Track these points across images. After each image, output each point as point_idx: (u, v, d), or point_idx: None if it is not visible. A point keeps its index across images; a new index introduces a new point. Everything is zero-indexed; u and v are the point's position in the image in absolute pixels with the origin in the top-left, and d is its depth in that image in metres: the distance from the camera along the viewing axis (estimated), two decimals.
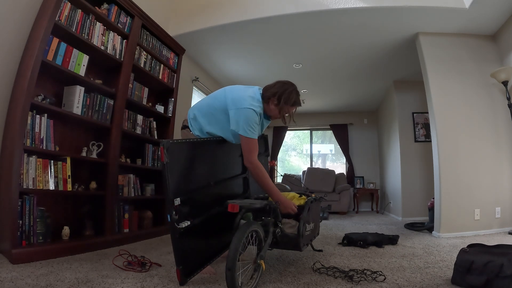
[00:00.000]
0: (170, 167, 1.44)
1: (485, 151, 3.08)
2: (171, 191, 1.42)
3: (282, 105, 1.69)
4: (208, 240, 1.64)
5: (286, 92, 1.70)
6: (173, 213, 1.41)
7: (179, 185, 1.49)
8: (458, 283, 1.46)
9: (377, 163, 6.51)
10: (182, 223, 1.43)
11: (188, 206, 1.51)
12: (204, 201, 1.65)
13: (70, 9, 2.11)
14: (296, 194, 1.98)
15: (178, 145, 1.54)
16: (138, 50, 2.77)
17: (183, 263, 1.42)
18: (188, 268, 1.46)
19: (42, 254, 1.80)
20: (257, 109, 1.64)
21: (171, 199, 1.41)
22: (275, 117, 1.79)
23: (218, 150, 1.83)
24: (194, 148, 1.65)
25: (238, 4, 3.36)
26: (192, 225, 1.49)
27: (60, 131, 2.21)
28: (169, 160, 1.43)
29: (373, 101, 6.16)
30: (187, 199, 1.50)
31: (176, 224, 1.40)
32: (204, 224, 1.60)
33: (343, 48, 3.87)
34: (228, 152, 1.93)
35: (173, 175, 1.45)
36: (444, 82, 3.20)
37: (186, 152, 1.59)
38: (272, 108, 1.73)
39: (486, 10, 2.88)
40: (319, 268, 1.74)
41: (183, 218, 1.45)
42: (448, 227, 2.91)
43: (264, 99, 1.73)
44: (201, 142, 1.73)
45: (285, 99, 1.69)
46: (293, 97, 1.72)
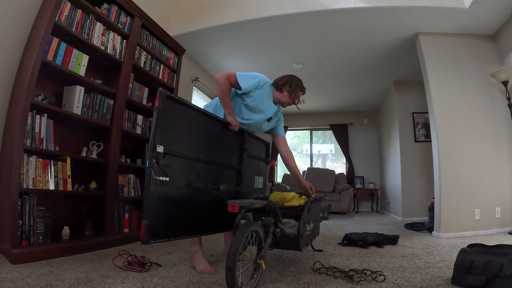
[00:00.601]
0: (161, 115, 1.40)
1: (485, 151, 3.08)
2: (156, 136, 1.38)
3: (293, 89, 1.98)
4: (183, 214, 1.56)
5: (295, 79, 2.03)
6: (153, 159, 1.36)
7: (167, 138, 1.45)
8: (458, 283, 1.46)
9: (377, 163, 6.51)
10: (160, 176, 1.38)
11: (171, 165, 1.46)
12: (190, 171, 1.60)
13: (70, 9, 2.11)
14: (296, 194, 1.97)
15: (176, 102, 1.51)
16: (138, 50, 2.77)
17: (150, 218, 1.34)
18: (154, 228, 1.36)
19: (42, 254, 1.80)
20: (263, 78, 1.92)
21: (153, 144, 1.37)
22: (287, 102, 2.01)
23: (218, 132, 1.82)
24: (192, 114, 1.63)
25: (238, 4, 3.36)
26: (170, 185, 1.44)
27: (60, 131, 2.21)
28: (162, 108, 1.40)
29: (373, 101, 6.16)
30: (171, 157, 1.46)
31: (153, 173, 1.35)
32: (183, 194, 1.55)
33: (343, 48, 3.87)
34: (227, 140, 1.90)
35: (162, 124, 1.42)
36: (444, 82, 3.20)
37: (182, 113, 1.56)
38: (285, 94, 1.99)
39: (486, 10, 2.88)
40: (319, 268, 1.74)
41: (162, 172, 1.40)
42: (448, 227, 2.91)
43: (278, 88, 2.00)
44: (203, 113, 1.70)
45: (295, 85, 2.00)
46: (301, 83, 2.05)
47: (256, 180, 2.24)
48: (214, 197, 1.73)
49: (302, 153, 7.53)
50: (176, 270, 1.72)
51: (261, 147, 2.28)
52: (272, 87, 2.00)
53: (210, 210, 1.70)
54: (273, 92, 2.00)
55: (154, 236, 1.36)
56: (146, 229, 1.32)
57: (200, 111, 1.69)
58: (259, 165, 2.28)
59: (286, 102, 2.01)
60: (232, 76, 1.82)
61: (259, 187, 2.27)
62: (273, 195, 2.02)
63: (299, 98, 2.06)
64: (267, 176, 2.40)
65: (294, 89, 1.98)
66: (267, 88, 1.94)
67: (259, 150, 2.26)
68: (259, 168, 2.29)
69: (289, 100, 1.99)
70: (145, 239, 1.32)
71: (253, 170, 2.18)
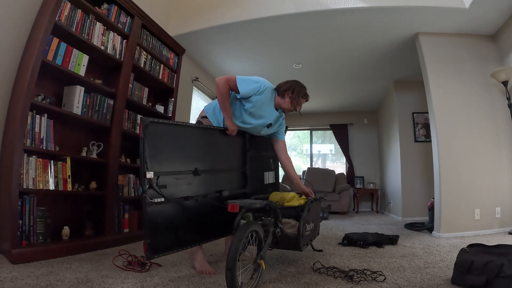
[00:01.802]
0: (147, 143, 1.44)
1: (485, 151, 3.08)
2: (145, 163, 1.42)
3: (295, 96, 1.93)
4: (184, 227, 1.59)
5: (298, 86, 1.97)
6: (146, 185, 1.41)
7: (158, 161, 1.48)
8: (458, 283, 1.46)
9: (377, 163, 6.51)
10: (155, 198, 1.43)
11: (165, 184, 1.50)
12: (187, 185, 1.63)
13: (70, 9, 2.11)
14: (296, 194, 1.97)
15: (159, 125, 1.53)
16: (138, 50, 2.77)
17: (151, 237, 1.40)
18: (156, 245, 1.42)
19: (42, 254, 1.80)
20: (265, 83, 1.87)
21: (143, 171, 1.42)
22: (289, 108, 1.95)
23: (214, 140, 1.82)
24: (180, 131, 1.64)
25: (238, 4, 3.36)
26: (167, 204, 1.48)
27: (60, 131, 2.21)
28: (146, 136, 1.44)
29: (373, 101, 6.16)
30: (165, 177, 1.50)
31: (147, 197, 1.41)
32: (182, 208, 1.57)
33: (343, 48, 3.87)
34: (228, 144, 1.90)
35: (150, 150, 1.45)
36: (444, 82, 3.20)
37: (169, 132, 1.59)
38: (287, 100, 1.93)
39: (486, 10, 2.88)
40: (319, 268, 1.74)
41: (157, 194, 1.44)
42: (448, 227, 2.91)
43: (280, 93, 1.95)
44: (190, 127, 1.72)
45: (298, 91, 1.94)
46: (304, 90, 1.99)
47: (267, 176, 2.23)
48: (215, 205, 1.73)
49: (302, 153, 7.53)
50: (176, 270, 1.72)
51: (268, 141, 2.23)
52: (274, 92, 1.95)
53: (211, 218, 1.71)
54: (275, 97, 1.95)
55: (156, 251, 1.42)
56: (149, 247, 1.38)
57: (188, 126, 1.71)
58: (268, 161, 2.26)
59: (287, 109, 1.95)
60: (232, 79, 1.80)
61: (270, 182, 2.26)
62: (273, 195, 2.02)
63: (301, 105, 1.99)
64: (278, 169, 2.37)
65: (296, 96, 1.92)
66: (268, 93, 1.89)
67: (266, 145, 2.21)
68: (268, 163, 2.28)
69: (290, 106, 1.93)
70: (149, 255, 1.38)
71: (261, 167, 2.17)
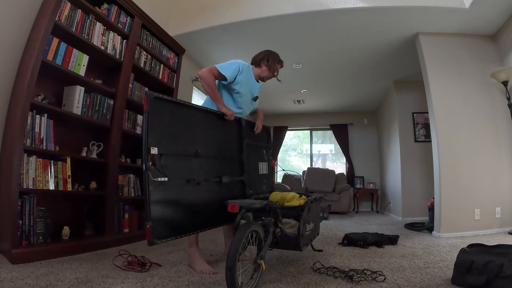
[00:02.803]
0: (151, 117, 1.41)
1: (485, 151, 3.08)
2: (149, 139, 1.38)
3: (271, 63, 2.07)
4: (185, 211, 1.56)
5: (271, 53, 2.12)
6: (149, 162, 1.36)
7: (160, 139, 1.45)
8: (458, 283, 1.46)
9: (377, 163, 6.51)
10: (159, 177, 1.38)
11: (168, 164, 1.46)
12: (188, 168, 1.60)
13: (70, 9, 2.11)
14: (296, 194, 1.97)
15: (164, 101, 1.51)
16: (138, 50, 2.77)
17: (153, 220, 1.35)
18: (158, 229, 1.38)
19: (42, 254, 1.81)
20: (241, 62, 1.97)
21: (147, 146, 1.37)
22: (267, 76, 2.10)
23: (214, 124, 1.83)
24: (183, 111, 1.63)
25: (238, 4, 3.35)
26: (170, 185, 1.44)
27: (60, 131, 2.21)
28: (151, 110, 1.41)
29: (373, 101, 6.16)
30: (168, 157, 1.47)
31: (151, 175, 1.36)
32: (184, 192, 1.55)
33: (343, 48, 3.87)
34: (225, 131, 1.91)
35: (154, 126, 1.42)
36: (444, 82, 3.20)
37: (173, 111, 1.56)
38: (264, 68, 2.09)
39: (486, 10, 2.88)
40: (319, 268, 1.74)
41: (160, 173, 1.40)
42: (448, 227, 2.91)
43: (256, 64, 2.10)
44: (192, 107, 1.71)
45: (272, 58, 2.09)
46: (277, 56, 2.13)
47: (261, 167, 2.24)
48: (215, 191, 1.73)
49: (302, 153, 7.53)
50: (176, 270, 1.72)
51: (261, 133, 2.27)
52: (250, 66, 2.09)
53: (212, 204, 1.70)
54: (252, 70, 2.09)
55: (159, 236, 1.38)
56: (151, 231, 1.33)
57: (191, 106, 1.69)
58: (261, 151, 2.29)
59: (266, 76, 2.10)
60: (213, 69, 1.86)
61: (264, 173, 2.27)
62: (273, 195, 2.02)
63: (278, 71, 2.14)
64: (271, 160, 2.40)
65: (272, 63, 2.08)
66: (247, 70, 2.01)
67: (260, 137, 2.26)
68: (262, 154, 2.30)
69: (269, 73, 2.09)
70: (151, 240, 1.33)
71: (256, 157, 2.19)
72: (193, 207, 1.60)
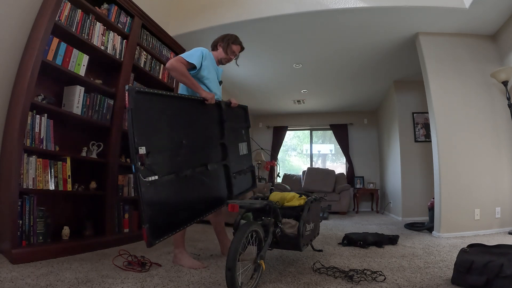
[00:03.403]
0: (135, 115, 1.37)
1: (485, 151, 3.08)
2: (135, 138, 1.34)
3: (225, 44, 2.10)
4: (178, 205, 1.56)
5: (228, 35, 2.15)
6: (138, 162, 1.34)
7: (146, 136, 1.41)
8: (458, 283, 1.46)
9: (377, 163, 6.51)
10: (149, 176, 1.36)
11: (157, 160, 1.44)
12: (176, 160, 1.58)
13: (70, 9, 2.11)
14: (296, 194, 1.97)
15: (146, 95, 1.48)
16: (138, 50, 2.77)
17: (149, 221, 1.33)
18: (155, 228, 1.37)
19: (42, 254, 1.81)
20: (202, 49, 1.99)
21: (134, 147, 1.34)
22: (225, 57, 2.11)
23: (194, 111, 1.80)
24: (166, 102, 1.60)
25: (238, 4, 3.36)
26: (161, 182, 1.42)
27: (60, 131, 2.21)
28: (134, 107, 1.38)
29: (373, 101, 6.16)
30: (156, 153, 1.44)
31: (141, 176, 1.33)
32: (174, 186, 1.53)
33: (343, 48, 3.87)
34: (206, 117, 1.90)
35: (139, 123, 1.38)
36: (444, 82, 3.20)
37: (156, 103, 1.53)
38: (220, 50, 2.12)
39: (486, 10, 2.88)
40: (319, 268, 1.74)
41: (150, 172, 1.38)
42: (448, 227, 2.91)
43: (213, 47, 2.15)
44: (175, 97, 1.69)
45: (228, 39, 2.12)
46: (233, 37, 2.15)
47: (241, 147, 2.24)
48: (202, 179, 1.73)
49: (302, 153, 7.53)
50: (176, 270, 1.72)
51: (239, 112, 2.28)
52: (210, 52, 2.09)
53: (201, 193, 1.72)
54: (212, 55, 2.10)
55: (156, 236, 1.37)
56: (148, 232, 1.32)
57: (173, 96, 1.68)
58: (240, 132, 2.28)
59: (224, 58, 2.11)
60: (180, 59, 1.84)
61: (244, 153, 2.27)
62: (273, 195, 2.02)
63: (237, 53, 2.16)
64: (250, 141, 2.42)
65: (226, 44, 2.10)
66: (209, 55, 2.03)
67: (238, 116, 2.26)
68: (241, 134, 2.29)
69: (225, 55, 2.10)
70: (149, 242, 1.33)
71: (235, 138, 2.19)
72: (184, 200, 1.60)
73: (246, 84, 5.12)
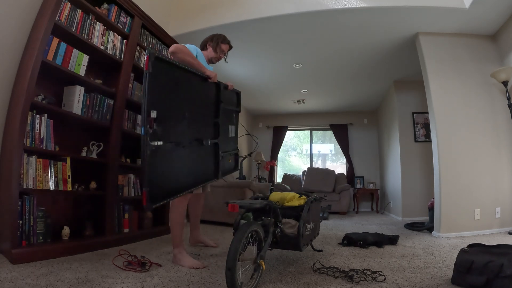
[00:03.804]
0: (151, 79, 1.43)
1: (485, 151, 3.08)
2: (148, 102, 1.40)
3: (215, 44, 2.20)
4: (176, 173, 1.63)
5: (216, 35, 2.27)
6: (148, 126, 1.39)
7: (157, 102, 1.47)
8: (458, 283, 1.46)
9: (377, 163, 6.51)
10: (155, 141, 1.42)
11: (162, 127, 1.50)
12: (177, 130, 1.66)
13: (70, 9, 2.11)
14: (296, 194, 1.97)
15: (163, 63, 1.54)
16: (138, 50, 2.77)
17: (150, 185, 1.39)
18: (154, 193, 1.42)
19: (42, 254, 1.81)
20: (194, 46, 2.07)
21: (146, 109, 1.39)
22: (215, 56, 2.22)
23: (198, 87, 1.91)
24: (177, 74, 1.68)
25: (238, 4, 3.36)
26: (164, 149, 1.49)
27: (60, 131, 2.21)
28: (152, 71, 1.43)
29: (373, 101, 6.16)
30: (162, 120, 1.50)
31: (149, 140, 1.39)
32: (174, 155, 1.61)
33: (343, 48, 3.87)
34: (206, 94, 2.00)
35: (153, 88, 1.44)
36: (444, 82, 3.20)
37: (169, 73, 1.61)
38: (210, 50, 2.22)
39: (486, 10, 2.88)
40: (319, 268, 1.74)
41: (156, 137, 1.43)
42: (448, 227, 2.91)
43: (203, 47, 2.25)
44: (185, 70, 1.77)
45: (217, 38, 2.24)
46: (222, 37, 2.26)
47: (230, 129, 2.35)
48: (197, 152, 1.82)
49: (302, 153, 7.53)
50: (176, 270, 1.72)
51: (232, 96, 2.42)
52: (200, 51, 2.17)
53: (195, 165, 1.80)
54: (203, 55, 2.19)
55: (154, 200, 1.43)
56: (148, 196, 1.38)
57: (185, 69, 1.76)
58: (231, 115, 2.43)
59: (214, 57, 2.21)
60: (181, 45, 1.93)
61: (232, 136, 2.39)
62: (273, 195, 2.02)
63: (225, 52, 2.25)
64: (238, 124, 2.54)
65: (215, 44, 2.20)
66: (200, 54, 2.12)
67: (231, 100, 2.39)
68: (232, 117, 2.40)
69: (214, 54, 2.20)
70: (148, 206, 1.39)
71: (227, 120, 2.29)
72: (179, 170, 1.67)
73: (246, 84, 5.12)
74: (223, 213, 3.60)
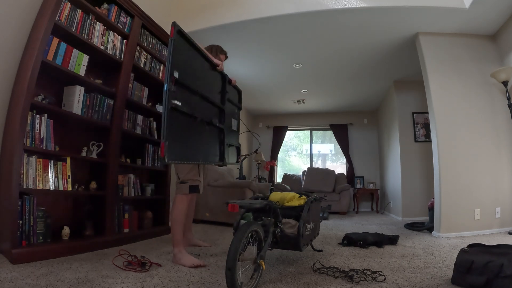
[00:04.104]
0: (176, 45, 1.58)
1: (485, 151, 3.08)
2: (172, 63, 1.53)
3: (214, 54, 2.30)
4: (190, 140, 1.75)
5: (214, 46, 2.40)
6: (171, 83, 1.51)
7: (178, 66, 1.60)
8: (458, 283, 1.46)
9: (377, 163, 6.51)
10: (174, 100, 1.54)
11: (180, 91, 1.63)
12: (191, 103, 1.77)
13: (70, 9, 2.11)
14: (296, 194, 1.98)
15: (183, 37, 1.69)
16: (138, 50, 2.77)
17: (168, 140, 1.48)
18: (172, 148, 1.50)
19: (42, 254, 1.80)
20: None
21: (170, 68, 1.52)
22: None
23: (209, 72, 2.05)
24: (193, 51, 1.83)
25: (238, 4, 3.36)
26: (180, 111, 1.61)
27: (60, 131, 2.21)
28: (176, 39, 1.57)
29: (373, 101, 6.16)
30: (179, 86, 1.62)
31: (170, 95, 1.50)
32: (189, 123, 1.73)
33: (343, 48, 3.87)
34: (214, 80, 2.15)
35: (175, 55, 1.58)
36: (444, 82, 3.20)
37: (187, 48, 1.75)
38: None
39: (486, 10, 2.88)
40: (319, 268, 1.74)
41: (175, 97, 1.55)
42: (448, 227, 2.91)
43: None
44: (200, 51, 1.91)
45: (216, 49, 2.38)
46: (220, 48, 2.43)
47: (233, 123, 2.47)
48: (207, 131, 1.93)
49: (302, 153, 7.53)
50: (176, 270, 1.72)
51: (234, 93, 2.56)
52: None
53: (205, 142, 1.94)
54: None
55: (170, 156, 1.50)
56: (166, 149, 1.45)
57: (199, 50, 1.88)
58: (234, 109, 2.53)
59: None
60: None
61: (234, 129, 2.51)
62: (273, 195, 2.02)
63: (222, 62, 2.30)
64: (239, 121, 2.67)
65: (215, 53, 2.32)
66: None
67: (234, 96, 2.52)
68: (234, 112, 2.54)
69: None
70: (165, 158, 1.45)
71: (230, 112, 2.39)
72: (193, 140, 1.78)
73: (246, 84, 5.12)
74: (223, 213, 3.60)
